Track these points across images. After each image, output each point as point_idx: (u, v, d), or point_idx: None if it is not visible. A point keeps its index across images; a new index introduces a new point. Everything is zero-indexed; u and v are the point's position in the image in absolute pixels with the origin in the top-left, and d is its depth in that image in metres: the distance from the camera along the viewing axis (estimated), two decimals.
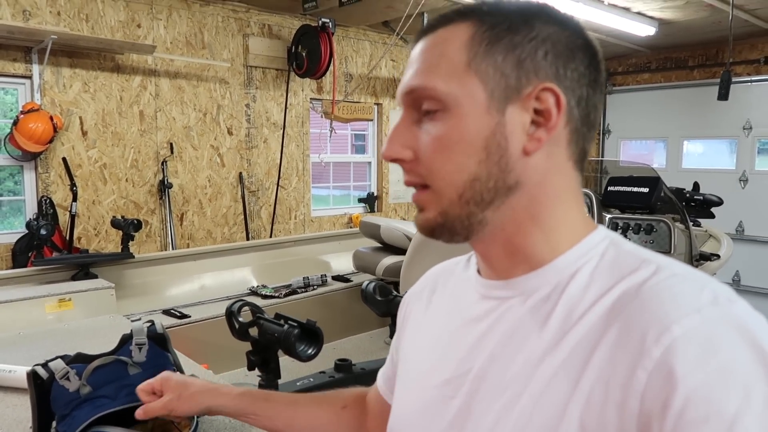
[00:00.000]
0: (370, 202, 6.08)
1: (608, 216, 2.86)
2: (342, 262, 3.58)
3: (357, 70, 5.77)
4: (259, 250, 3.44)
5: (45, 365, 0.98)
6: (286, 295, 2.96)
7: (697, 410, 0.43)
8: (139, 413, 0.84)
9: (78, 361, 1.00)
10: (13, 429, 1.22)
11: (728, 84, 3.03)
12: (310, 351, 0.96)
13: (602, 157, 7.33)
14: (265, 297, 2.92)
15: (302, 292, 3.04)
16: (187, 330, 2.53)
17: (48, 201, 3.99)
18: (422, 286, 0.77)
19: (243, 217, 5.02)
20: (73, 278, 2.59)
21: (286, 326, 0.96)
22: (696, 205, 4.08)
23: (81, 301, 2.30)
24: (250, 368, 1.04)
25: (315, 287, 3.11)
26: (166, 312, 2.63)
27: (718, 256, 2.90)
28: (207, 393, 0.83)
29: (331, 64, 4.80)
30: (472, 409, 0.58)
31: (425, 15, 4.50)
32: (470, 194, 0.57)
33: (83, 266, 2.62)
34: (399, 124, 0.61)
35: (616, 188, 2.71)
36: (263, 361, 1.02)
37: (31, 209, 4.03)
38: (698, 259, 2.75)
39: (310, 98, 5.47)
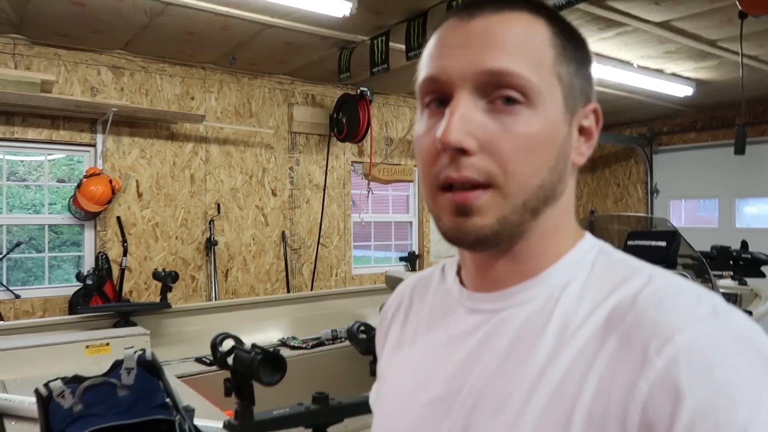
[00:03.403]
0: (412, 260, 6.18)
1: None
2: (374, 316, 3.67)
3: (397, 134, 6.03)
4: (292, 303, 3.59)
5: (46, 385, 1.13)
6: (313, 346, 3.06)
7: (707, 422, 0.42)
8: None
9: (74, 381, 1.14)
10: None
11: (743, 139, 3.03)
12: (273, 377, 1.06)
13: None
14: (293, 348, 3.02)
15: (330, 344, 3.12)
16: (214, 377, 2.66)
17: (104, 256, 4.32)
18: (398, 301, 0.73)
19: (285, 273, 5.22)
20: (115, 326, 2.79)
21: (252, 353, 1.07)
22: (744, 264, 3.96)
23: (118, 346, 2.48)
24: (227, 394, 1.14)
25: (342, 339, 3.19)
26: (198, 359, 2.77)
27: (750, 313, 2.80)
28: None
29: (369, 129, 5.06)
30: (469, 427, 0.55)
31: None
32: (533, 202, 0.53)
33: (123, 315, 2.83)
34: (463, 108, 0.52)
35: (635, 242, 2.71)
36: (238, 387, 1.13)
37: (88, 264, 4.37)
38: None
39: (352, 161, 5.73)
